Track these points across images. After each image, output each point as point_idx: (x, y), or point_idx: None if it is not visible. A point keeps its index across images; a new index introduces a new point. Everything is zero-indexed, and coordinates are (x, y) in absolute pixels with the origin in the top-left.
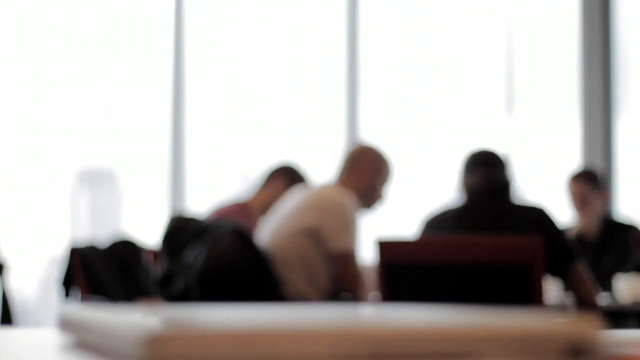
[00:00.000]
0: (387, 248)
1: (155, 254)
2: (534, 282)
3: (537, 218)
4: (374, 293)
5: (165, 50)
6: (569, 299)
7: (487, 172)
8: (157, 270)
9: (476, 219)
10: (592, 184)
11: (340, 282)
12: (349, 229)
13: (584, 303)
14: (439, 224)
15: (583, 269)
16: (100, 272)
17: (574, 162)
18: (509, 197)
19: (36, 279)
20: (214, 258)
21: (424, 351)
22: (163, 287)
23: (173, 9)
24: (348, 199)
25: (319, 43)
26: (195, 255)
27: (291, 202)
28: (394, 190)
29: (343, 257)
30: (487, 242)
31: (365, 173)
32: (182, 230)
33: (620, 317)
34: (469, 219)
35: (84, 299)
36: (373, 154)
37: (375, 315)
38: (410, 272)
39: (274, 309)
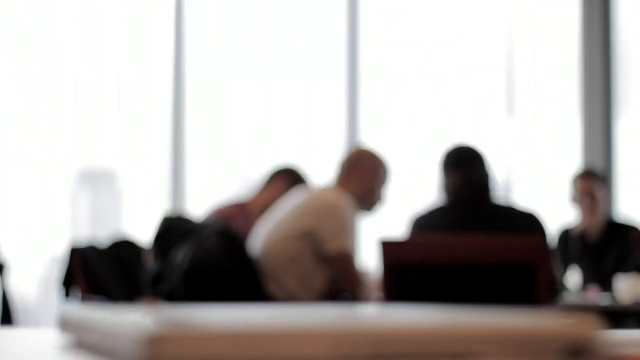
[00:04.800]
0: (390, 248)
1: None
2: (537, 282)
3: (528, 223)
4: (377, 293)
5: (165, 50)
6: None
7: (467, 172)
8: (150, 269)
9: (464, 221)
10: (599, 182)
11: (340, 283)
12: (346, 230)
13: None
14: (426, 225)
15: (555, 267)
16: (100, 272)
17: (574, 162)
18: (489, 196)
19: (36, 279)
20: (199, 258)
21: (424, 351)
22: (154, 286)
23: (173, 9)
24: (345, 201)
25: (319, 43)
26: (183, 255)
27: (288, 204)
28: (393, 192)
29: (341, 258)
30: (490, 242)
31: (364, 176)
32: (172, 231)
33: (620, 317)
34: (457, 221)
35: (84, 299)
36: (370, 157)
37: (375, 315)
38: (413, 272)
39: (274, 310)
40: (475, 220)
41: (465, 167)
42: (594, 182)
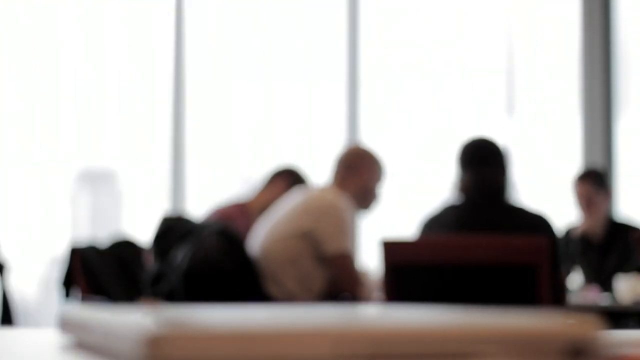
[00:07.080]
0: (391, 248)
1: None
2: (539, 283)
3: (537, 225)
4: (377, 293)
5: (165, 50)
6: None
7: (481, 171)
8: (150, 269)
9: (474, 221)
10: (597, 184)
11: (339, 283)
12: (345, 230)
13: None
14: (436, 225)
15: (563, 275)
16: (100, 272)
17: (574, 162)
18: (504, 198)
19: (36, 279)
20: (198, 258)
21: (424, 351)
22: (154, 286)
23: (173, 9)
24: (344, 201)
25: (319, 43)
26: (182, 255)
27: (287, 204)
28: (394, 192)
29: (340, 259)
30: (493, 242)
31: (361, 175)
32: (172, 231)
33: (620, 317)
34: (467, 221)
35: (84, 299)
36: (366, 155)
37: (375, 315)
38: (414, 272)
39: (274, 310)
40: (484, 220)
41: (481, 165)
42: (590, 185)
